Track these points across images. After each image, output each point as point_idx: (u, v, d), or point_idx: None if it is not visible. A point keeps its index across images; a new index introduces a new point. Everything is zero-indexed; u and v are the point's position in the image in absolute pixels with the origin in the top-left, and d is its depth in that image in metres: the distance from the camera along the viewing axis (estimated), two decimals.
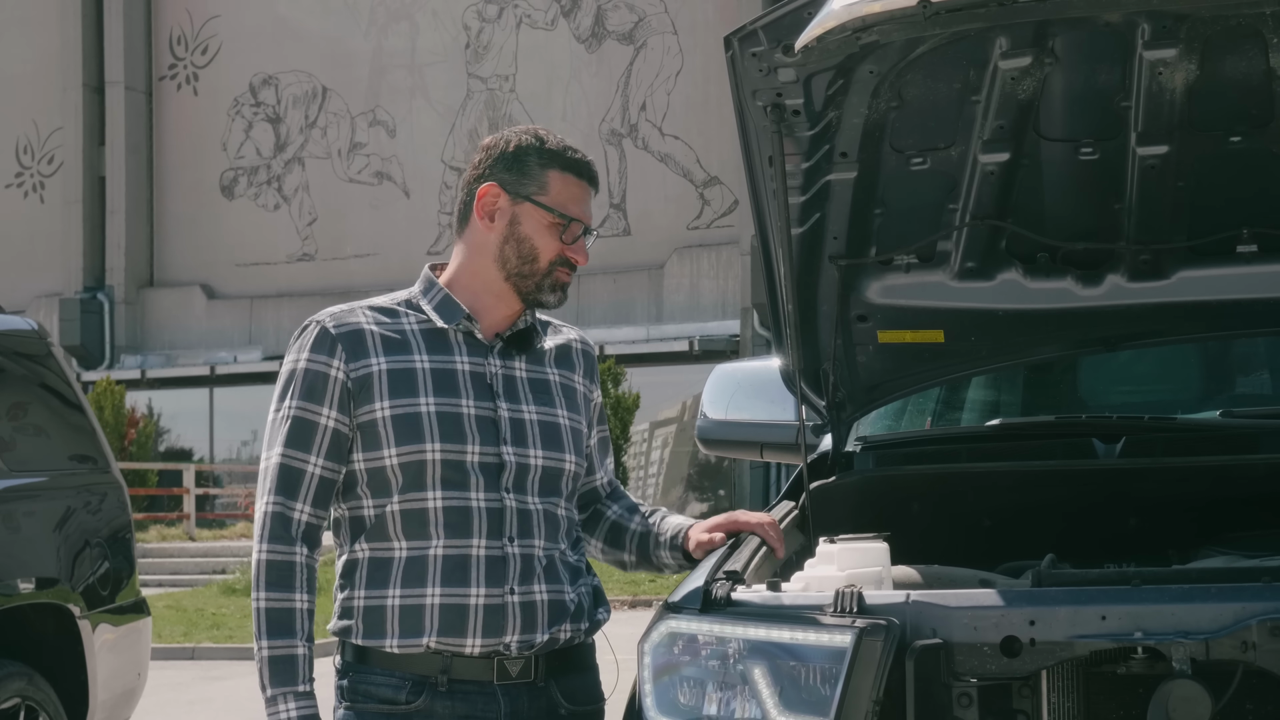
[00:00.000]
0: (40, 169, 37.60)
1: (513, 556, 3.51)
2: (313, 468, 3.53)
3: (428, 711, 3.50)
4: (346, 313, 3.60)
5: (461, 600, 3.48)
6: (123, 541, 7.78)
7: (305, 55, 35.73)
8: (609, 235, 32.47)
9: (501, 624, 3.49)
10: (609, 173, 32.94)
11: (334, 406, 3.52)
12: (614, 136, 33.27)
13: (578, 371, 3.76)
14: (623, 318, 31.84)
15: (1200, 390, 5.43)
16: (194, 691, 14.15)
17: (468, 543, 3.49)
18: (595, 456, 3.86)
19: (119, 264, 36.60)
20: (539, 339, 3.70)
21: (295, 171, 35.89)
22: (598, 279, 31.61)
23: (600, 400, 3.87)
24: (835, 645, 3.30)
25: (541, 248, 3.57)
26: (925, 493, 4.55)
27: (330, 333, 3.55)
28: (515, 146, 3.61)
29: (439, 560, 3.49)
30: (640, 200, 32.88)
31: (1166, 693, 3.13)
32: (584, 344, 3.83)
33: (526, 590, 3.51)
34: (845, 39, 3.76)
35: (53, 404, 7.82)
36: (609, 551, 3.88)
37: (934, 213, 4.34)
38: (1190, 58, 3.87)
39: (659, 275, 32.07)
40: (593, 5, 33.55)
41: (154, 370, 35.75)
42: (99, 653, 7.32)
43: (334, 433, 3.53)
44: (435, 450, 3.49)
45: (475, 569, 3.49)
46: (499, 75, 34.21)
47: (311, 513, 3.53)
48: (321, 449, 3.53)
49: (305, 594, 3.51)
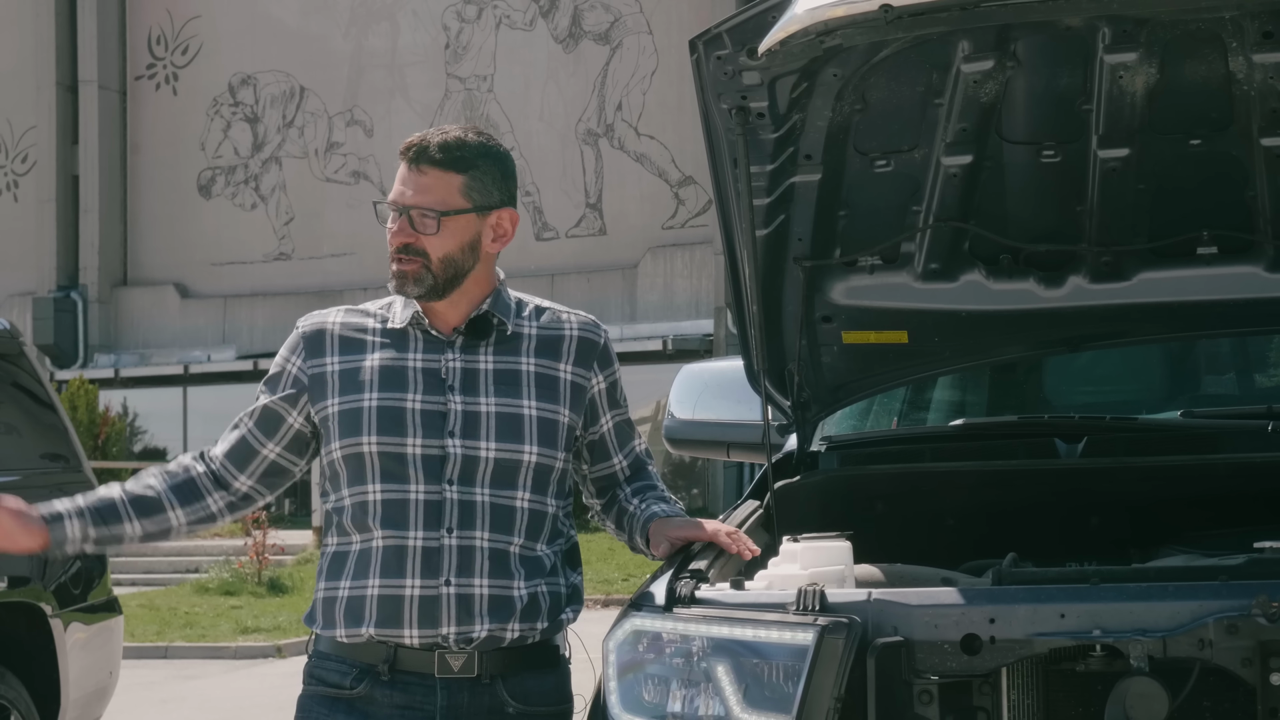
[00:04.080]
0: (14, 168, 37.46)
1: (449, 548, 3.53)
2: (242, 429, 3.75)
3: (368, 698, 3.57)
4: (320, 316, 3.76)
5: (397, 591, 3.53)
6: None
7: (285, 55, 35.63)
8: (584, 235, 32.46)
9: (436, 615, 3.51)
10: (585, 172, 32.94)
11: (277, 391, 3.73)
12: (590, 136, 33.25)
13: (565, 360, 3.71)
14: (597, 317, 31.71)
15: (1165, 390, 5.46)
16: (166, 690, 14.13)
17: (404, 534, 3.54)
18: (612, 442, 3.82)
19: (93, 263, 36.47)
20: (509, 325, 3.68)
21: (273, 171, 35.80)
22: (572, 278, 31.59)
23: (610, 386, 3.80)
24: (797, 643, 3.33)
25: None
26: (889, 492, 4.58)
27: (300, 333, 3.75)
28: None
29: (379, 552, 3.55)
30: (616, 200, 32.86)
31: (1124, 690, 3.17)
32: (584, 330, 3.78)
33: (465, 583, 3.52)
34: (809, 43, 3.79)
35: (25, 403, 7.82)
36: (619, 534, 3.88)
37: (898, 214, 4.37)
38: (1150, 62, 3.91)
39: (633, 275, 32.04)
40: (570, 5, 33.53)
41: (128, 369, 35.61)
42: (71, 651, 7.32)
43: (265, 408, 3.73)
44: (372, 443, 3.56)
45: (411, 560, 3.53)
46: (477, 75, 34.17)
47: (222, 458, 3.75)
48: (254, 415, 3.75)
49: (153, 480, 3.73)
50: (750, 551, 3.79)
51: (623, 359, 4.02)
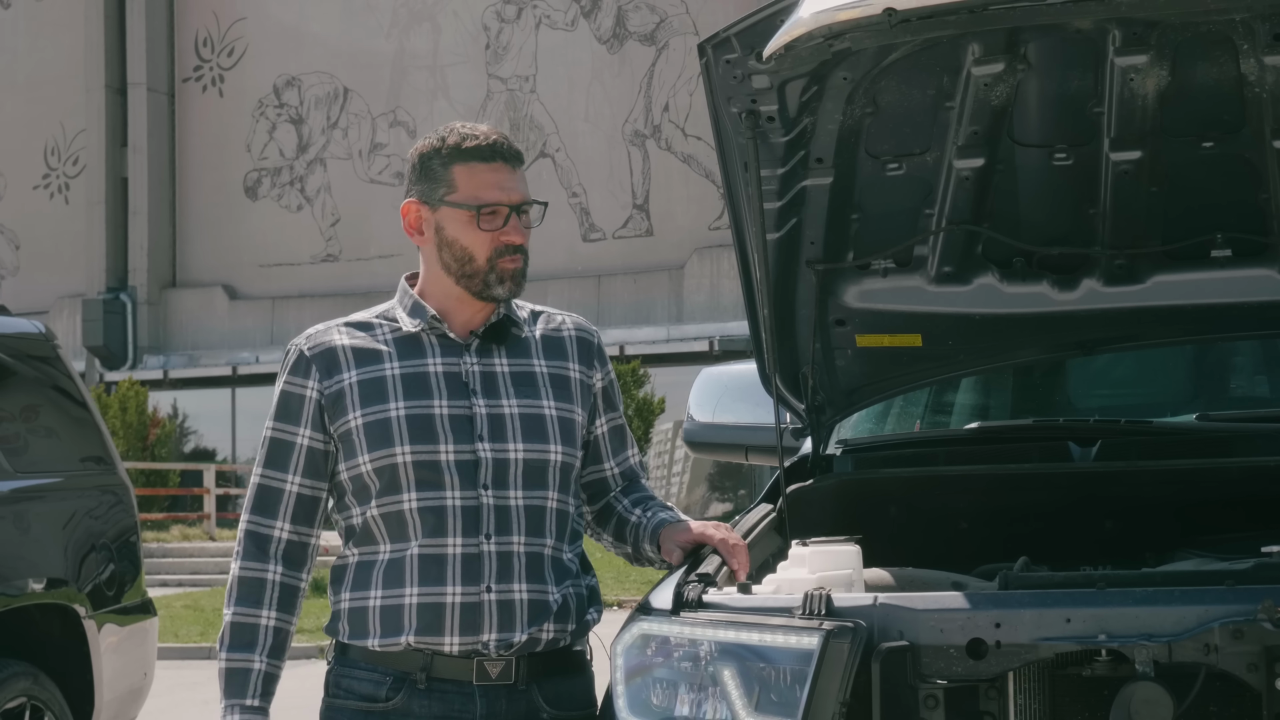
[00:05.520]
0: (65, 170, 37.74)
1: (488, 554, 3.51)
2: (290, 486, 3.61)
3: (404, 710, 3.53)
4: (322, 332, 3.67)
5: (438, 599, 3.50)
6: (129, 542, 7.83)
7: (327, 56, 35.78)
8: (631, 236, 32.49)
9: (478, 622, 3.50)
10: (632, 174, 32.97)
11: (309, 425, 3.61)
12: (637, 137, 33.28)
13: (571, 359, 3.72)
14: (643, 318, 31.83)
15: (1189, 394, 5.41)
16: (210, 691, 14.16)
17: (443, 542, 3.51)
18: (605, 446, 3.82)
19: (142, 264, 36.70)
20: (520, 330, 3.69)
21: (318, 172, 35.95)
22: (619, 279, 31.62)
23: (607, 386, 3.80)
24: (802, 647, 3.32)
25: (472, 245, 3.58)
26: (902, 495, 4.57)
27: (305, 354, 3.63)
28: (419, 156, 3.64)
29: (415, 560, 3.51)
30: (663, 201, 32.89)
31: (1129, 695, 3.15)
32: (580, 330, 3.79)
33: (505, 588, 3.52)
34: (817, 46, 3.78)
35: (64, 406, 7.88)
36: (617, 545, 3.85)
37: (910, 218, 4.36)
38: (1161, 64, 3.88)
39: (680, 275, 32.06)
40: (613, 6, 33.56)
41: (176, 370, 35.83)
42: (104, 653, 7.36)
43: (309, 450, 3.60)
44: (406, 453, 3.52)
45: (451, 567, 3.50)
46: (519, 76, 34.23)
47: (292, 530, 3.61)
48: (298, 467, 3.61)
49: (273, 611, 3.57)
50: (743, 570, 3.74)
51: (669, 360, 4.04)
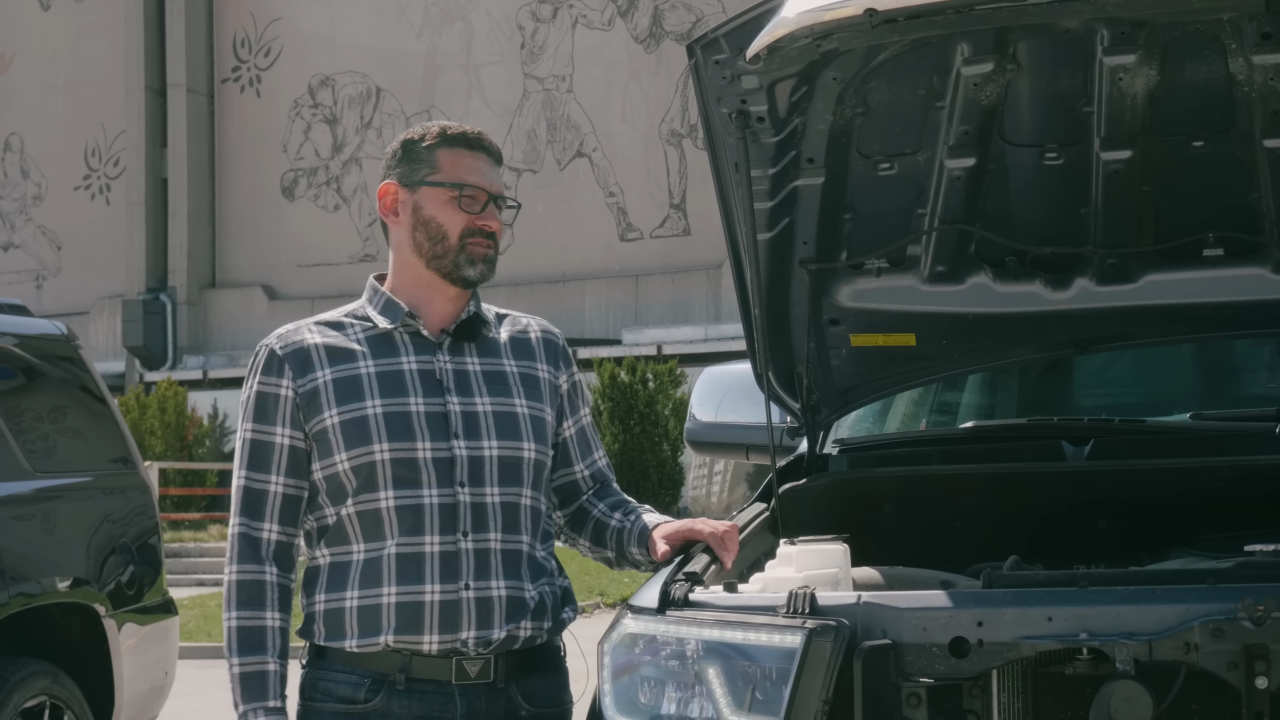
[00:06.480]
0: (106, 171, 37.90)
1: (466, 552, 3.53)
2: (274, 486, 3.62)
3: (384, 711, 3.53)
4: (293, 332, 3.68)
5: (416, 598, 3.51)
6: (149, 542, 7.88)
7: (360, 56, 35.81)
8: (669, 235, 32.45)
9: (457, 620, 3.51)
10: (669, 173, 32.94)
11: (286, 424, 3.61)
12: (674, 137, 33.25)
13: (539, 360, 3.76)
14: (681, 317, 31.80)
15: (1184, 393, 5.41)
16: None
17: (420, 540, 3.52)
18: (573, 448, 3.84)
19: (181, 265, 36.83)
20: (489, 329, 3.72)
21: (353, 172, 36.01)
22: (656, 279, 31.59)
23: (572, 387, 3.84)
24: (786, 646, 3.34)
25: (447, 222, 3.62)
26: (895, 495, 4.58)
27: (278, 353, 3.64)
28: (402, 142, 3.70)
29: (393, 559, 3.52)
30: (700, 200, 32.81)
31: (1109, 693, 3.16)
32: (545, 332, 3.83)
33: (483, 586, 3.53)
34: (805, 46, 3.79)
35: (88, 405, 7.94)
36: (595, 550, 3.86)
37: (903, 217, 4.36)
38: (1150, 63, 3.89)
39: (717, 275, 31.99)
40: (649, 6, 33.53)
41: (216, 370, 35.92)
42: (124, 652, 7.42)
43: (290, 449, 3.61)
44: (383, 450, 3.53)
45: (429, 566, 3.51)
46: (555, 75, 34.23)
47: (280, 530, 3.62)
48: (280, 467, 3.62)
49: (276, 612, 3.58)
50: (730, 556, 3.77)
51: (707, 359, 4.06)
